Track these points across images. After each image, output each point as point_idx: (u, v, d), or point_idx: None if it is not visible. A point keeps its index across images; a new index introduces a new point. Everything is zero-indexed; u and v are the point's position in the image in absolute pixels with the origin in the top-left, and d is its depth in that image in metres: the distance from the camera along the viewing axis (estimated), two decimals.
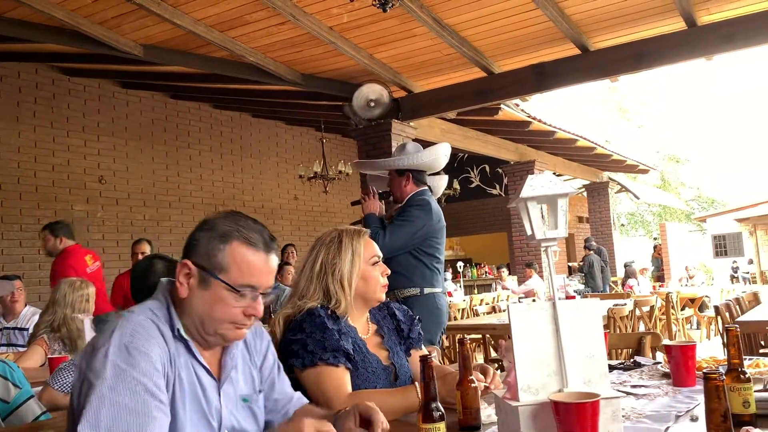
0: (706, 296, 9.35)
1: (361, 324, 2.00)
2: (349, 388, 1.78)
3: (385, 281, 2.00)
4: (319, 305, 1.88)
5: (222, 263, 1.36)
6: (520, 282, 10.78)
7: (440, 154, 3.71)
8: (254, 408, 1.51)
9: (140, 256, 5.75)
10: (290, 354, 1.80)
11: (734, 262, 21.20)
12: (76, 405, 1.25)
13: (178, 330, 1.36)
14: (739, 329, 1.50)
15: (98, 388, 1.21)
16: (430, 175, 3.78)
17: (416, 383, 1.73)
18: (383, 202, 3.76)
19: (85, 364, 1.26)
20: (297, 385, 1.80)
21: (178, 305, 1.40)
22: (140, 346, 1.26)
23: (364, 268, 1.96)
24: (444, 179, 4.05)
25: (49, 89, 8.15)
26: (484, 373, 1.77)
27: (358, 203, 3.84)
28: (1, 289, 4.19)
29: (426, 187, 3.66)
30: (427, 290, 3.44)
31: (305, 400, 1.69)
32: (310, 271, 1.96)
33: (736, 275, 20.18)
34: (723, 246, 23.01)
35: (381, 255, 2.02)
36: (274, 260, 1.44)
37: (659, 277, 15.83)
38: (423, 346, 2.16)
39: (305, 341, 1.79)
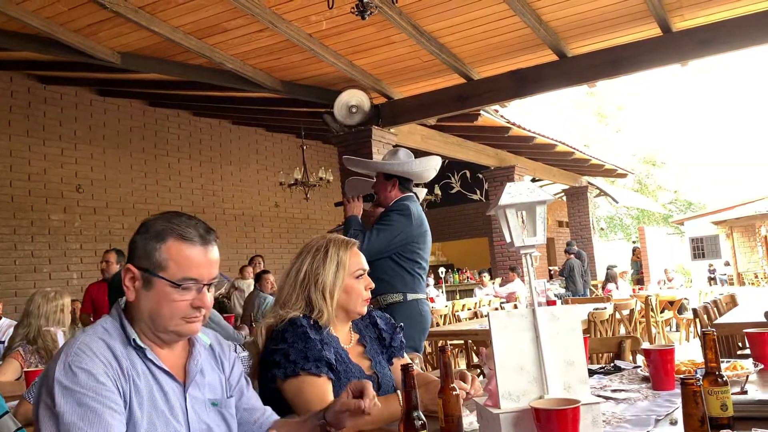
0: (685, 298, 9.46)
1: (343, 334, 1.99)
2: (331, 398, 1.77)
3: (368, 295, 1.98)
4: (301, 315, 1.87)
5: (160, 261, 1.39)
6: (503, 284, 10.83)
7: (431, 167, 3.69)
8: (224, 413, 1.52)
9: (104, 265, 5.82)
10: (272, 364, 1.79)
11: (710, 265, 21.48)
12: (36, 428, 1.29)
13: (134, 340, 1.38)
14: (716, 333, 1.52)
15: (49, 409, 1.26)
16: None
17: (398, 392, 1.73)
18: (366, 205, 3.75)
19: (38, 388, 1.31)
20: (278, 395, 1.79)
21: (130, 313, 1.43)
22: (82, 363, 1.29)
23: (348, 281, 1.94)
24: (423, 189, 4.06)
25: (24, 97, 8.05)
26: (464, 379, 1.76)
27: (341, 204, 3.82)
28: None
29: (411, 194, 3.64)
30: (410, 297, 3.42)
31: (276, 416, 1.68)
32: (294, 279, 1.95)
33: (713, 277, 20.44)
34: (701, 248, 23.32)
35: (366, 268, 2.00)
36: (213, 251, 1.46)
37: (638, 280, 15.98)
38: (405, 354, 2.16)
39: (287, 351, 1.77)
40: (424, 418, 1.30)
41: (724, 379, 1.44)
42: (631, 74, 6.23)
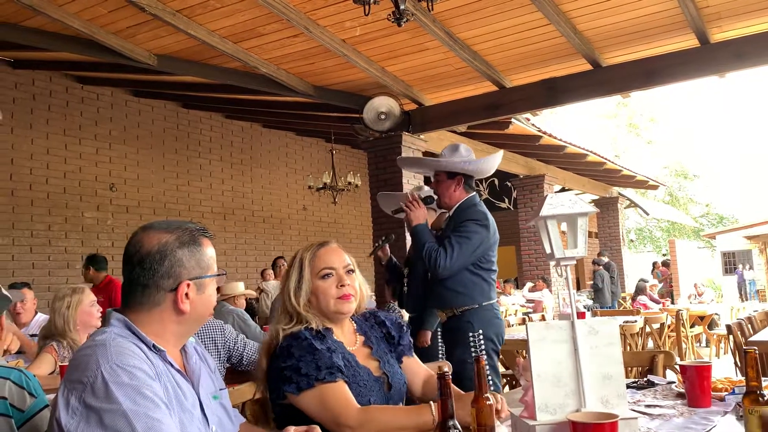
0: (716, 314, 9.27)
1: (347, 337, 1.95)
2: (352, 398, 1.74)
3: (341, 292, 1.89)
4: (303, 328, 1.83)
5: (207, 262, 1.48)
6: (532, 290, 10.71)
7: (496, 164, 3.49)
8: (224, 403, 1.59)
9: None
10: (282, 380, 1.75)
11: (742, 266, 21.03)
12: None
13: (153, 345, 1.39)
14: (757, 351, 1.49)
15: (117, 410, 1.22)
16: None
17: (431, 402, 1.72)
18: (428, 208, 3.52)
19: (81, 399, 1.24)
20: (292, 410, 1.76)
21: (145, 322, 1.42)
22: (131, 362, 1.29)
23: (315, 282, 1.89)
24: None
25: (62, 97, 8.22)
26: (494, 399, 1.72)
27: (401, 212, 3.49)
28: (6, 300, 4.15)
29: (475, 194, 3.42)
30: (485, 303, 3.27)
31: (242, 418, 1.74)
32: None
33: (743, 282, 19.84)
34: (732, 263, 22.86)
35: (336, 266, 1.91)
36: None
37: (664, 293, 15.64)
38: (441, 362, 2.14)
39: (297, 365, 1.74)
40: (459, 427, 1.30)
41: (766, 398, 1.41)
42: (666, 85, 6.15)
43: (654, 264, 16.47)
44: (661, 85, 6.07)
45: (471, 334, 3.20)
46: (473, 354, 3.16)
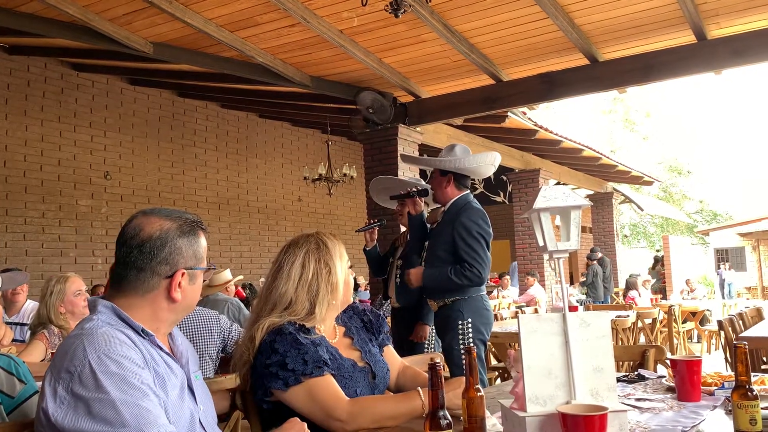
0: (708, 310, 9.31)
1: (328, 330, 1.93)
2: (341, 391, 1.73)
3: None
4: (285, 322, 1.80)
5: (201, 254, 1.51)
6: (522, 289, 10.76)
7: (487, 163, 3.61)
8: (204, 381, 1.61)
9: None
10: (269, 377, 1.72)
11: (723, 264, 21.13)
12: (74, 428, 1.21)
13: (142, 329, 1.39)
14: (747, 346, 1.49)
15: (105, 399, 1.21)
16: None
17: (420, 389, 1.72)
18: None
19: (68, 388, 1.23)
20: (279, 407, 1.74)
21: (135, 308, 1.41)
22: (119, 351, 1.28)
23: (346, 274, 1.93)
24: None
25: (57, 84, 8.18)
26: None
27: (406, 197, 3.76)
28: (12, 282, 4.13)
29: (468, 191, 3.59)
30: (474, 294, 3.42)
31: None
32: (299, 280, 1.89)
33: (724, 282, 19.89)
34: (725, 260, 22.98)
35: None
36: None
37: (659, 289, 15.64)
38: (425, 351, 2.15)
39: (283, 361, 1.71)
40: (449, 418, 1.30)
41: (755, 393, 1.42)
42: (663, 81, 6.15)
43: (657, 260, 15.94)
44: (657, 80, 6.08)
45: (460, 322, 3.35)
46: (461, 342, 3.31)
